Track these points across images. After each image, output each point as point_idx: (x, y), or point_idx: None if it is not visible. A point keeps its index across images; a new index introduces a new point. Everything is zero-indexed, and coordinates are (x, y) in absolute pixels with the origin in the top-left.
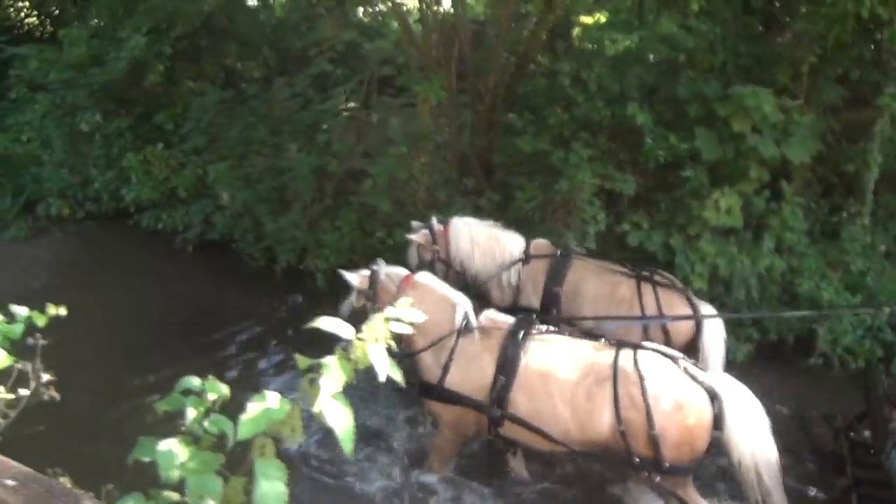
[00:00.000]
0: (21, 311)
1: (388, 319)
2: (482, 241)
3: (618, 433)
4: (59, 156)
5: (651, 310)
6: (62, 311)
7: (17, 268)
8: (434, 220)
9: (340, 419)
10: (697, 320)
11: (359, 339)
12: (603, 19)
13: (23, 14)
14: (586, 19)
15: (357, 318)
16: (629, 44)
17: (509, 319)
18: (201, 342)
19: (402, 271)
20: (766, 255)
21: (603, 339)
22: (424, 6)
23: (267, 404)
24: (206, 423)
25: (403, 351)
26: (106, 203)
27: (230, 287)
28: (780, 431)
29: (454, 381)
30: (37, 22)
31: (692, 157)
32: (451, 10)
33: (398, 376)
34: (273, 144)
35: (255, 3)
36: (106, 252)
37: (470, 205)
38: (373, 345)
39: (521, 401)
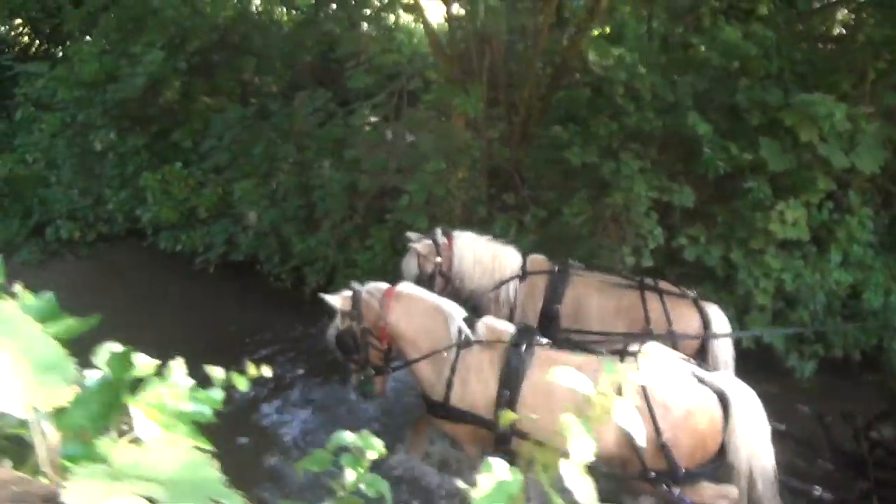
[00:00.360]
0: (218, 372)
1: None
2: (483, 256)
3: (628, 447)
4: (68, 176)
5: (657, 317)
6: (266, 372)
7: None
8: (438, 232)
9: (586, 495)
10: (705, 323)
11: (600, 393)
12: (607, 30)
13: (13, 34)
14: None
15: (343, 341)
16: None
17: (510, 328)
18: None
19: (382, 286)
20: (834, 269)
21: (605, 350)
22: (455, 21)
23: (497, 476)
24: (362, 486)
25: (397, 360)
26: (120, 224)
27: (254, 309)
28: (799, 430)
29: (458, 397)
30: (28, 41)
31: (753, 168)
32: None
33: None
34: (298, 161)
35: (259, 18)
36: (123, 274)
37: (514, 220)
38: (621, 400)
39: (527, 417)
